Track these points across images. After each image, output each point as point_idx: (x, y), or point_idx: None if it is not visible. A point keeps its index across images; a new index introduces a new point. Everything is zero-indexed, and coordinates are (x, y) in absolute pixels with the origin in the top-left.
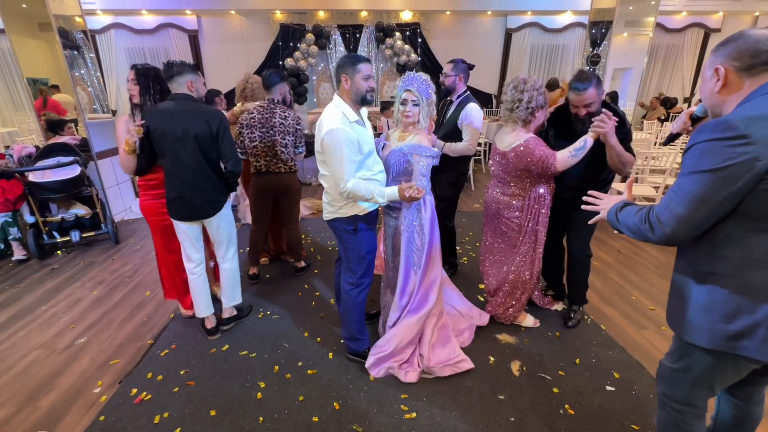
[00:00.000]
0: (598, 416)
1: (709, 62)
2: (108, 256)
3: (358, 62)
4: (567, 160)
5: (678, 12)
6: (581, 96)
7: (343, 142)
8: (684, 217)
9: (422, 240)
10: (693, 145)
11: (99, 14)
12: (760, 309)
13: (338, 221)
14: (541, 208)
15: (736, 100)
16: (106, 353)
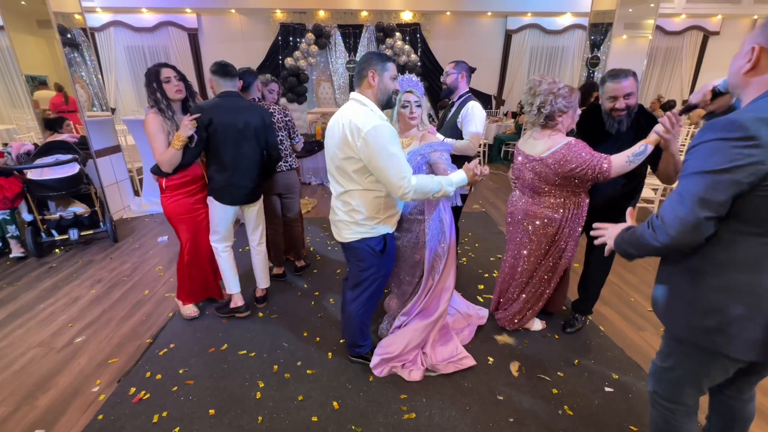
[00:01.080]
0: (597, 417)
1: (750, 38)
2: (106, 255)
3: (388, 60)
4: (624, 165)
5: (677, 14)
6: (620, 84)
7: (391, 137)
8: (688, 220)
9: (443, 247)
10: (698, 143)
11: (98, 12)
12: (734, 308)
13: (366, 242)
14: (577, 225)
15: (755, 89)
16: (104, 352)
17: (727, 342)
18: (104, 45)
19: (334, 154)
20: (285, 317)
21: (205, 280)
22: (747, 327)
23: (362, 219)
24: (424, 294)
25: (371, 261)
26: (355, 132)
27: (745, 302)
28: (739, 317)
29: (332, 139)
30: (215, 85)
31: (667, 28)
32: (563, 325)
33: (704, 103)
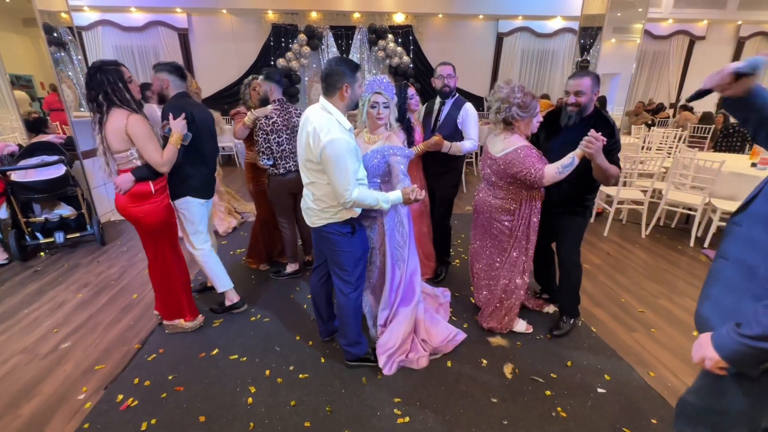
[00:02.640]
0: (590, 419)
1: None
2: (93, 258)
3: (357, 70)
4: (554, 176)
5: (665, 19)
6: (576, 81)
7: (346, 151)
8: None
9: (402, 236)
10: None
11: (86, 11)
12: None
13: (332, 225)
14: (533, 215)
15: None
16: (90, 358)
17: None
18: (92, 44)
19: (301, 152)
20: (277, 321)
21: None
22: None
23: (325, 207)
24: (397, 284)
25: (344, 244)
26: (315, 141)
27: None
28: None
29: (300, 139)
30: (172, 86)
31: (655, 33)
32: (551, 328)
33: (723, 88)
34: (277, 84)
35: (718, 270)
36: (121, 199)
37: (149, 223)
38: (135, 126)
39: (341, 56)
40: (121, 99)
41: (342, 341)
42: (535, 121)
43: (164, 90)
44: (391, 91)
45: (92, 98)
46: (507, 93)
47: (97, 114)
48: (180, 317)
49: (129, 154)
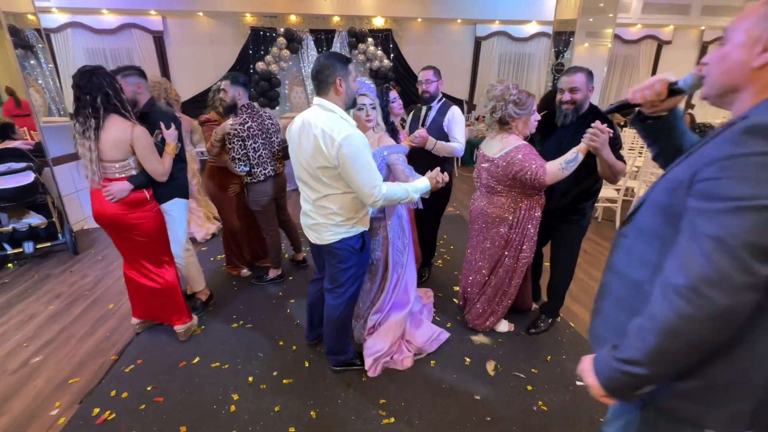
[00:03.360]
0: (570, 411)
1: (756, 18)
2: (66, 268)
3: (348, 62)
4: (557, 173)
5: (633, 24)
6: (569, 77)
7: (364, 146)
8: (746, 280)
9: (403, 242)
10: (734, 156)
11: (54, 12)
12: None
13: (347, 241)
14: (530, 225)
15: (763, 90)
16: (64, 372)
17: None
18: (61, 47)
19: (307, 163)
20: (260, 326)
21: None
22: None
23: (341, 221)
24: (392, 289)
25: (352, 260)
26: (329, 142)
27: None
28: (727, 384)
29: (302, 148)
30: (145, 91)
31: (625, 37)
32: (528, 325)
33: (652, 104)
34: (244, 87)
35: (607, 284)
36: (112, 207)
37: (150, 229)
38: (141, 138)
39: (330, 51)
40: (121, 105)
41: (329, 349)
42: (533, 119)
43: (137, 95)
44: (374, 93)
45: (88, 102)
46: (501, 91)
47: (92, 119)
48: (189, 318)
49: (126, 164)
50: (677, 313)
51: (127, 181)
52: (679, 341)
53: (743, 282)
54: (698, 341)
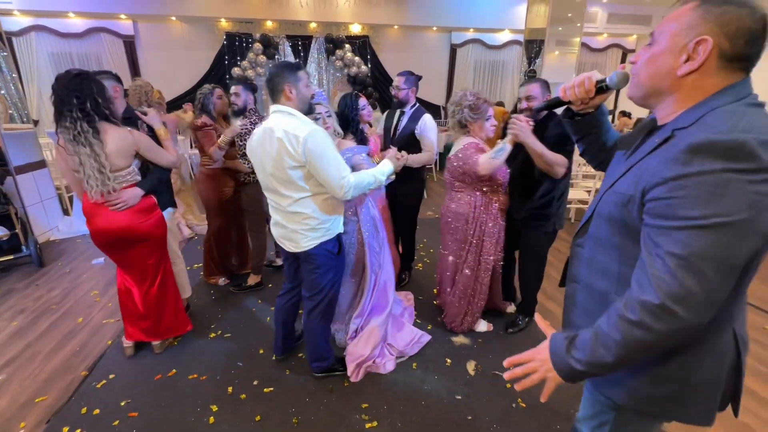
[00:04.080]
0: (547, 406)
1: (687, 23)
2: (31, 282)
3: (297, 69)
4: (488, 161)
5: (600, 33)
6: (526, 87)
7: (327, 140)
8: (712, 296)
9: (378, 241)
10: (686, 175)
11: (16, 15)
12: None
13: (324, 246)
14: (488, 220)
15: (691, 95)
16: (29, 390)
17: (683, 411)
18: (24, 51)
19: (275, 168)
20: (239, 335)
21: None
22: (709, 391)
23: (317, 224)
24: (371, 291)
25: (329, 264)
26: (293, 140)
27: (711, 364)
28: (702, 382)
29: (267, 155)
30: (120, 94)
31: (592, 46)
32: (506, 325)
33: (582, 101)
34: (253, 93)
35: (572, 295)
36: (126, 218)
37: (160, 235)
38: (143, 140)
39: (280, 61)
40: (111, 113)
41: (311, 357)
42: (488, 125)
43: (114, 100)
44: (326, 100)
45: (75, 106)
46: (460, 97)
47: (83, 123)
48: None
49: (132, 170)
50: (645, 327)
51: (137, 187)
52: (644, 351)
53: (707, 298)
54: (660, 349)
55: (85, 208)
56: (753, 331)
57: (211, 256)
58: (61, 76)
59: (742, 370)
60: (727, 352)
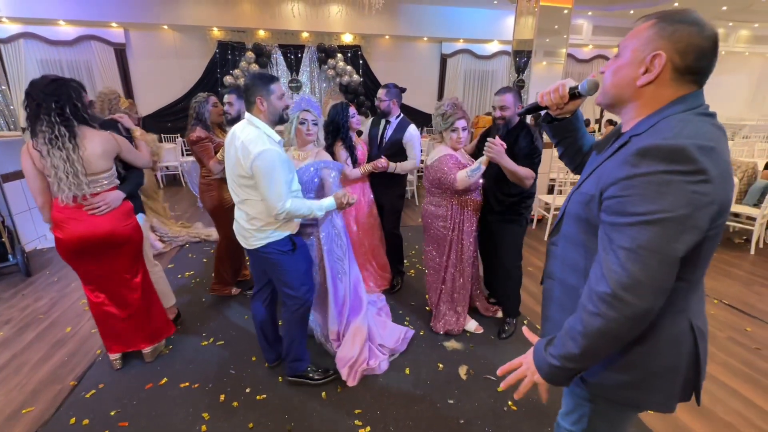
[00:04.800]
0: (537, 409)
1: (646, 39)
2: (17, 291)
3: (270, 82)
4: (465, 179)
5: (585, 45)
6: (500, 97)
7: (278, 162)
8: (657, 284)
9: (341, 248)
10: (635, 176)
11: (5, 22)
12: (656, 361)
13: (272, 245)
14: (465, 221)
15: (649, 103)
16: (15, 402)
17: (646, 398)
18: (12, 58)
19: (231, 170)
20: (231, 343)
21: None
22: (670, 378)
23: (261, 225)
24: (341, 297)
25: (285, 262)
26: (245, 154)
27: (668, 351)
28: (663, 369)
29: (229, 156)
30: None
31: (579, 57)
32: (498, 330)
33: (557, 106)
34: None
35: (549, 290)
36: (108, 222)
37: (138, 239)
38: (123, 142)
39: (258, 71)
40: (90, 117)
41: (285, 356)
42: (454, 135)
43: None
44: (318, 110)
45: (53, 109)
46: (439, 105)
47: (61, 127)
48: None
49: (112, 172)
50: (602, 316)
51: (118, 190)
52: (604, 339)
53: (653, 286)
54: (620, 338)
55: (57, 215)
56: (735, 333)
57: (223, 267)
58: (37, 81)
59: (700, 359)
60: (684, 342)
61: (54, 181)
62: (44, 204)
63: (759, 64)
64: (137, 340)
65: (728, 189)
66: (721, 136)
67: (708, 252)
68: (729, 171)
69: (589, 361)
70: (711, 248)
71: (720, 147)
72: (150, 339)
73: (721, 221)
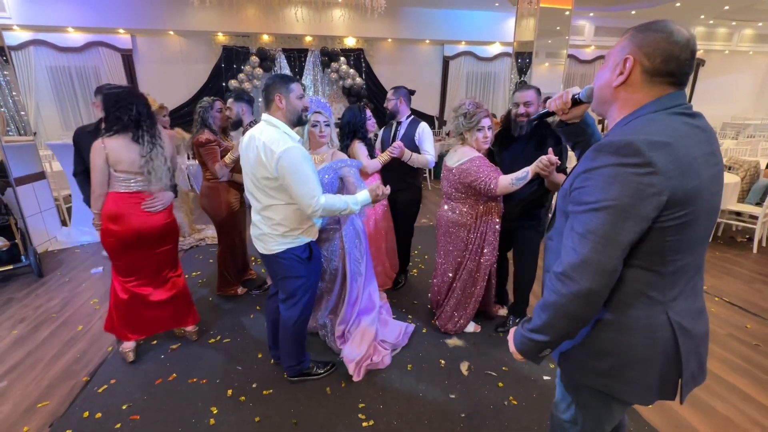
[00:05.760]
0: (538, 404)
1: (620, 47)
2: (30, 291)
3: (290, 82)
4: (507, 186)
5: (587, 46)
6: (523, 92)
7: (302, 158)
8: (600, 266)
9: (360, 251)
10: (592, 169)
11: (16, 30)
12: (629, 349)
13: (292, 251)
14: (488, 230)
15: (626, 104)
16: (32, 396)
17: (622, 387)
18: (23, 65)
19: (252, 174)
20: (237, 341)
21: None
22: (644, 369)
23: (285, 231)
24: (354, 299)
25: (300, 269)
26: (269, 154)
27: (640, 342)
28: (636, 359)
29: (248, 159)
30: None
31: (581, 57)
32: (497, 326)
33: (562, 111)
34: (248, 104)
35: (546, 283)
36: (163, 216)
37: (178, 230)
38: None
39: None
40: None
41: (289, 362)
42: (480, 135)
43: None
44: (329, 111)
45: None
46: (459, 104)
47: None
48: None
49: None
50: (555, 293)
51: (169, 189)
52: (559, 314)
53: (597, 267)
54: (572, 315)
55: (113, 208)
56: (735, 330)
57: (227, 270)
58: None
59: (681, 357)
60: (659, 335)
61: (146, 177)
62: (101, 196)
63: (764, 63)
64: (179, 321)
65: (686, 182)
66: (688, 132)
67: (677, 244)
68: (691, 165)
69: (551, 335)
70: (681, 241)
71: (679, 143)
72: (193, 318)
73: (679, 213)
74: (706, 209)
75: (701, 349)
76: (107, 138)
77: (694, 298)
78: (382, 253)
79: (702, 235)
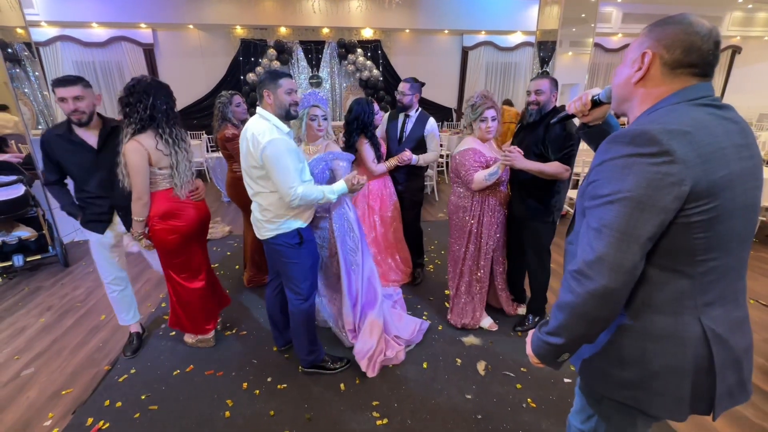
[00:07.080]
0: (557, 407)
1: (638, 42)
2: (57, 281)
3: (279, 77)
4: (482, 182)
5: (614, 33)
6: (536, 81)
7: (286, 150)
8: (617, 261)
9: (354, 241)
10: (605, 161)
11: (44, 26)
12: (656, 359)
13: (281, 237)
14: (484, 214)
15: (646, 99)
16: (56, 383)
17: (649, 399)
18: (50, 60)
19: (245, 162)
20: (253, 333)
21: None
22: (673, 380)
23: (272, 217)
24: (354, 289)
25: (292, 255)
26: (256, 144)
27: (668, 350)
28: (664, 369)
29: (241, 147)
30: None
31: (607, 46)
32: (515, 324)
33: (582, 113)
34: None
35: (562, 283)
36: (205, 204)
37: None
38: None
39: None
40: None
41: (300, 352)
42: (483, 126)
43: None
44: (325, 104)
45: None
46: (470, 96)
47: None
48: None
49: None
50: (571, 292)
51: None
52: (576, 315)
53: (613, 263)
54: (589, 315)
55: (169, 206)
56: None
57: (260, 255)
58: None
59: (714, 369)
60: (690, 342)
61: (174, 175)
62: (148, 202)
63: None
64: (222, 303)
65: (711, 172)
66: (713, 122)
67: (707, 242)
68: (715, 154)
69: (567, 337)
70: (711, 239)
71: (700, 132)
72: (226, 300)
73: (705, 206)
74: (740, 205)
75: (743, 364)
76: (140, 136)
77: (735, 306)
78: (391, 244)
79: (740, 233)
